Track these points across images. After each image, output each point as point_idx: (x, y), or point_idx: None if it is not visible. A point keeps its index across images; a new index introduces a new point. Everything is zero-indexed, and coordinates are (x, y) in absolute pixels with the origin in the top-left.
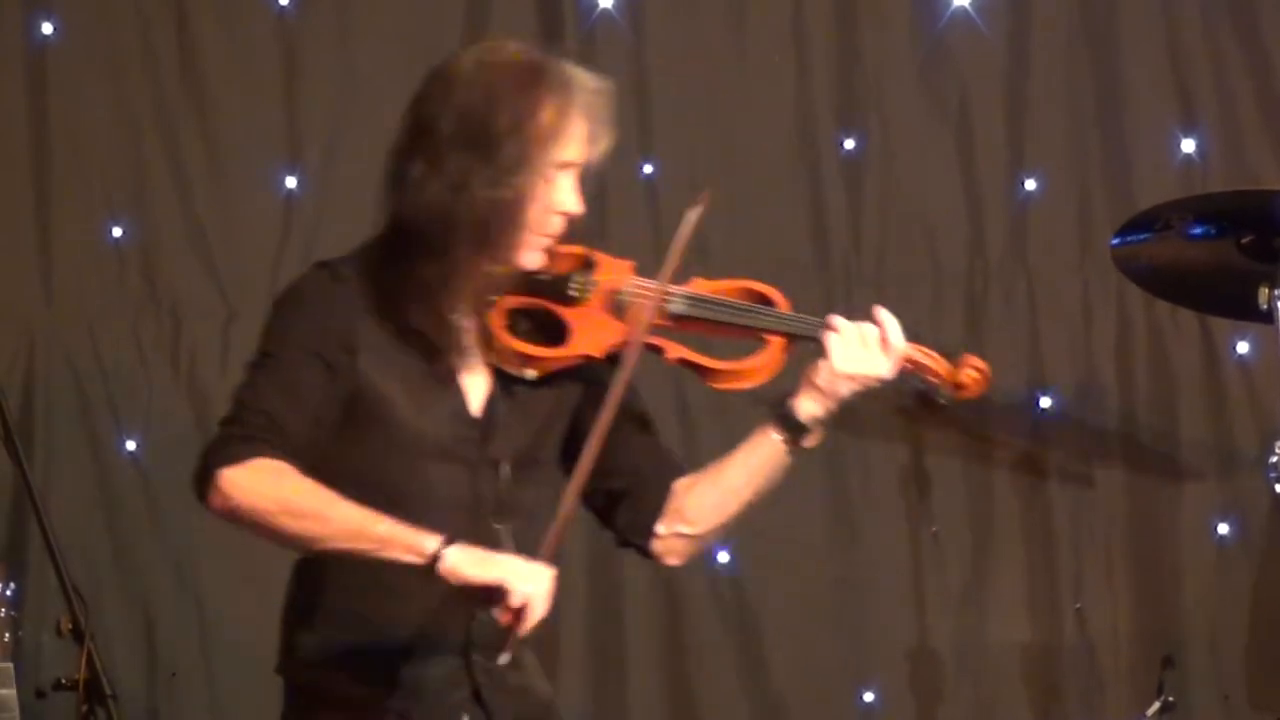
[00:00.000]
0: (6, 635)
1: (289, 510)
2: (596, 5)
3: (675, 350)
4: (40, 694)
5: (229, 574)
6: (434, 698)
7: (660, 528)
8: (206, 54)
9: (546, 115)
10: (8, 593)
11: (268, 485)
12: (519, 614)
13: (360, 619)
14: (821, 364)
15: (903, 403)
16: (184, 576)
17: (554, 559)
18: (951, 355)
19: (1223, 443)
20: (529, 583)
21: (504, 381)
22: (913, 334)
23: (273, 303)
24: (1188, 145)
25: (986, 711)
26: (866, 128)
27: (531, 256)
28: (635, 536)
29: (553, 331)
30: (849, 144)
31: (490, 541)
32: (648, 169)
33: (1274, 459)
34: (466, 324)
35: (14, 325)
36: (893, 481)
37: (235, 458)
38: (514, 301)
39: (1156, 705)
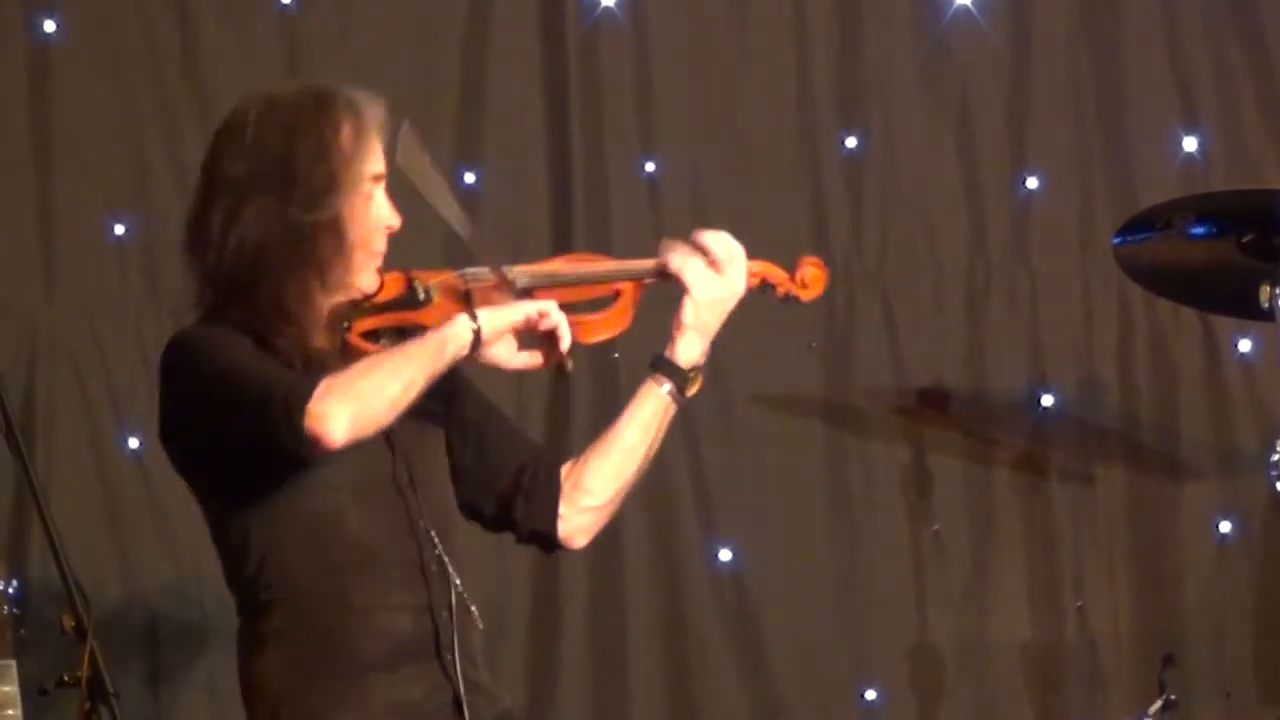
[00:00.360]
0: (9, 633)
1: (380, 377)
2: (598, 3)
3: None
4: (43, 691)
5: None
6: (421, 715)
7: (563, 509)
8: (208, 52)
9: (346, 133)
10: (10, 590)
11: (347, 383)
12: (553, 336)
13: (325, 641)
14: (684, 300)
15: (904, 402)
16: (186, 573)
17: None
18: (787, 263)
19: (1224, 441)
20: (547, 304)
21: None
22: (913, 333)
23: (166, 358)
24: (1189, 144)
25: (988, 710)
26: (868, 126)
27: (368, 278)
28: (541, 524)
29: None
30: (850, 142)
31: (426, 541)
32: (649, 167)
33: (1275, 457)
34: (331, 355)
35: (16, 322)
36: (894, 480)
37: (306, 393)
38: (366, 324)
39: (1158, 703)
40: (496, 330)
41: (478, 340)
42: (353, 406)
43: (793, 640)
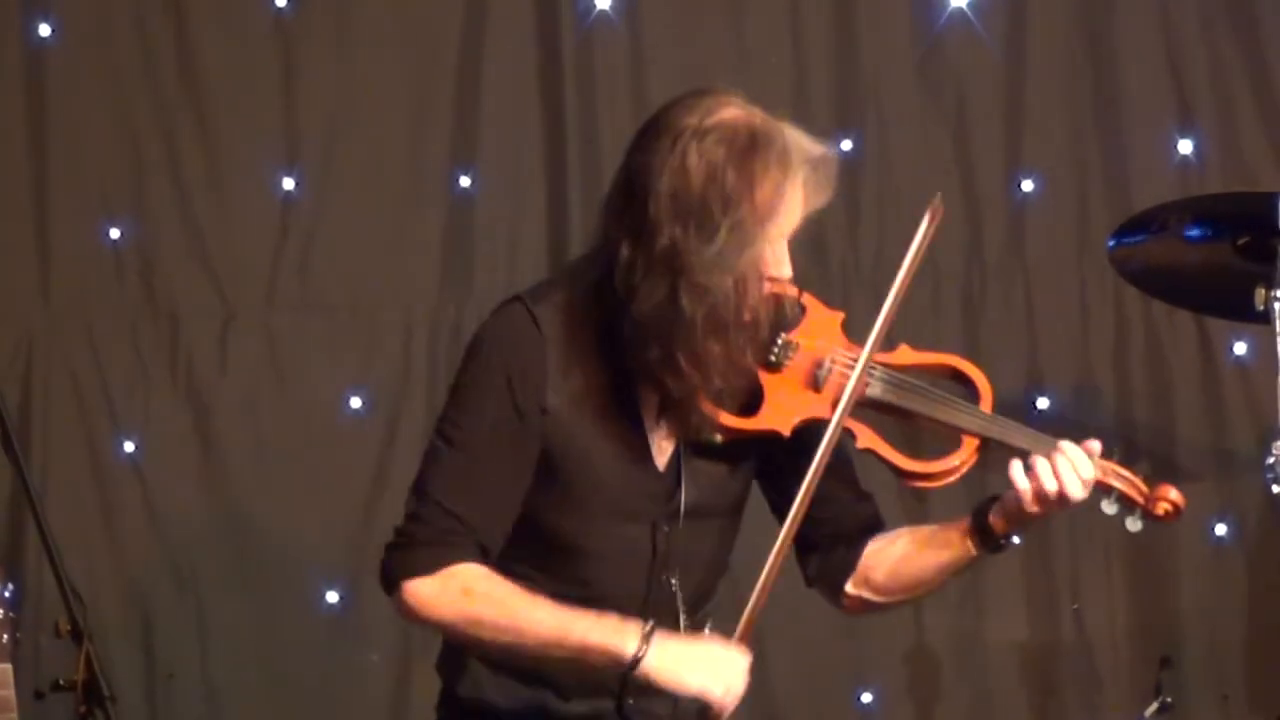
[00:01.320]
0: (5, 636)
1: (480, 624)
2: (594, 6)
3: (867, 438)
4: (39, 695)
5: (227, 575)
6: None
7: (849, 587)
8: (204, 56)
9: (764, 193)
10: (6, 594)
11: (456, 601)
12: (719, 713)
13: (521, 669)
14: (1023, 492)
15: None
16: (182, 577)
17: (749, 639)
18: (1149, 479)
19: (1220, 443)
20: (721, 686)
21: (689, 437)
22: (909, 336)
23: (468, 346)
24: (1185, 146)
25: (984, 712)
26: (864, 128)
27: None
28: (824, 588)
29: (746, 391)
30: (846, 144)
31: (659, 593)
32: None
33: (1271, 460)
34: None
35: (12, 327)
36: (891, 481)
37: (422, 568)
38: None
39: (1154, 705)
40: (652, 683)
41: (625, 674)
42: (432, 618)
43: (789, 642)
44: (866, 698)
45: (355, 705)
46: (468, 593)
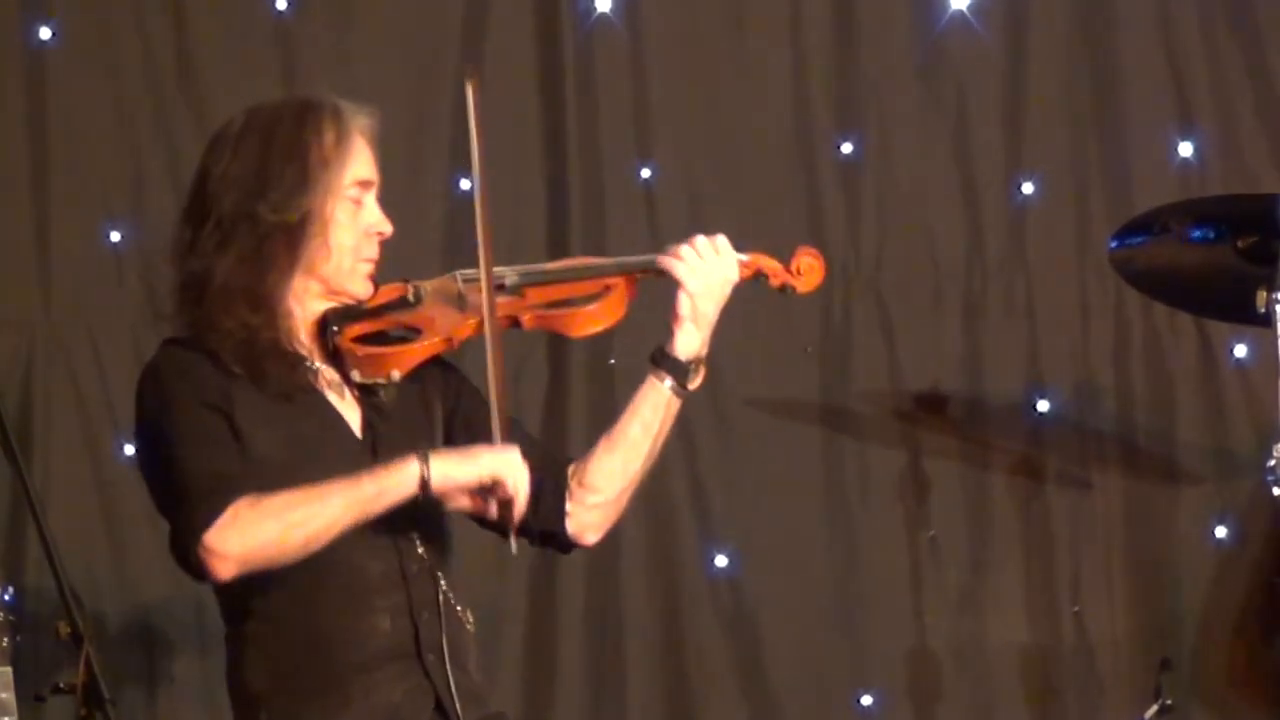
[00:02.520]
0: (5, 639)
1: (289, 525)
2: (594, 9)
3: (529, 315)
4: (39, 698)
5: None
6: (399, 716)
7: (570, 507)
8: (205, 58)
9: (328, 138)
10: (6, 597)
11: (255, 520)
12: (509, 502)
13: (304, 645)
14: (679, 295)
15: (900, 407)
16: (182, 581)
17: (506, 438)
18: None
19: (1220, 446)
20: (511, 466)
21: (371, 400)
22: (910, 338)
23: (139, 385)
24: (1185, 148)
25: (984, 714)
26: (864, 130)
27: (360, 284)
28: (550, 523)
29: (403, 338)
30: (847, 147)
31: (406, 551)
32: (645, 173)
33: (1272, 462)
34: (319, 358)
35: (12, 329)
36: (891, 484)
37: (209, 520)
38: (358, 329)
39: (1154, 708)
40: (445, 484)
41: (424, 489)
42: (248, 547)
43: (789, 645)
44: (866, 700)
45: None
46: (257, 506)
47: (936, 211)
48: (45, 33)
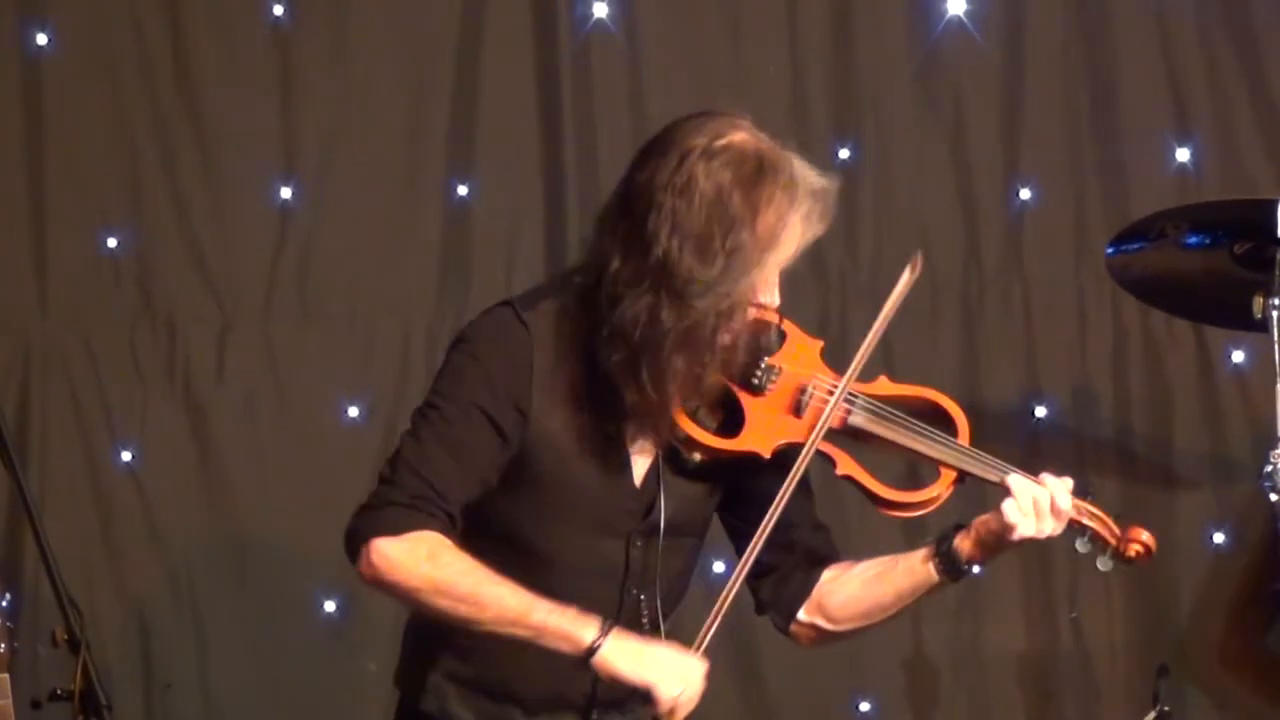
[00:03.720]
0: (2, 645)
1: (442, 592)
2: (591, 15)
3: (846, 465)
4: (36, 704)
5: (224, 584)
6: None
7: (802, 615)
8: (201, 64)
9: (766, 220)
10: (3, 603)
11: (422, 564)
12: (669, 713)
13: (484, 660)
14: (991, 519)
15: None
16: (179, 587)
17: (707, 650)
18: (1120, 519)
19: (1218, 451)
20: (678, 685)
21: (667, 454)
22: (907, 345)
23: (453, 341)
24: (1182, 154)
25: None
26: (861, 137)
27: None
28: (776, 615)
29: (727, 411)
30: (844, 153)
31: (630, 608)
32: None
33: (1269, 467)
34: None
35: (9, 335)
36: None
37: (392, 528)
38: None
39: (1152, 714)
40: (611, 672)
41: (584, 661)
42: (397, 579)
43: (787, 651)
44: (865, 706)
45: (352, 714)
46: (433, 557)
47: (934, 217)
48: (42, 39)
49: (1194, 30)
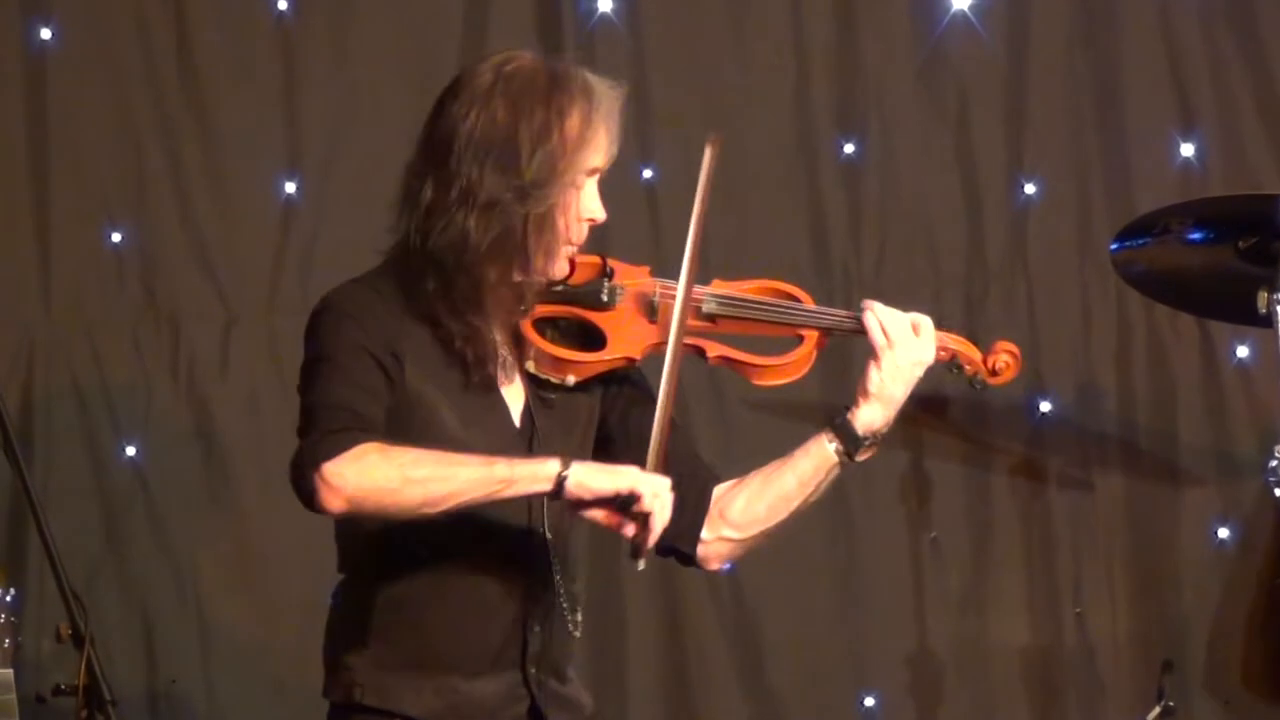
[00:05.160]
0: (6, 641)
1: (410, 479)
2: (596, 9)
3: (716, 348)
4: (40, 699)
5: (229, 579)
6: (492, 716)
7: (705, 533)
8: (205, 60)
9: (573, 123)
10: (7, 598)
11: (378, 464)
12: (645, 521)
13: (414, 635)
14: (870, 368)
15: (902, 408)
16: (183, 582)
17: (662, 470)
18: (980, 343)
19: (1222, 447)
20: (654, 485)
21: (538, 390)
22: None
23: (312, 314)
24: (1187, 149)
25: (986, 716)
26: (866, 132)
27: (560, 266)
28: (680, 543)
29: (587, 337)
30: (848, 149)
31: (540, 549)
32: (647, 174)
33: (1273, 463)
34: (500, 335)
35: (13, 331)
36: (893, 486)
37: (333, 451)
38: (544, 310)
39: (1157, 710)
40: (580, 491)
41: (558, 491)
42: (363, 486)
43: (791, 646)
44: (869, 701)
45: None
46: (385, 455)
47: (938, 213)
48: (46, 33)
49: (1198, 25)
